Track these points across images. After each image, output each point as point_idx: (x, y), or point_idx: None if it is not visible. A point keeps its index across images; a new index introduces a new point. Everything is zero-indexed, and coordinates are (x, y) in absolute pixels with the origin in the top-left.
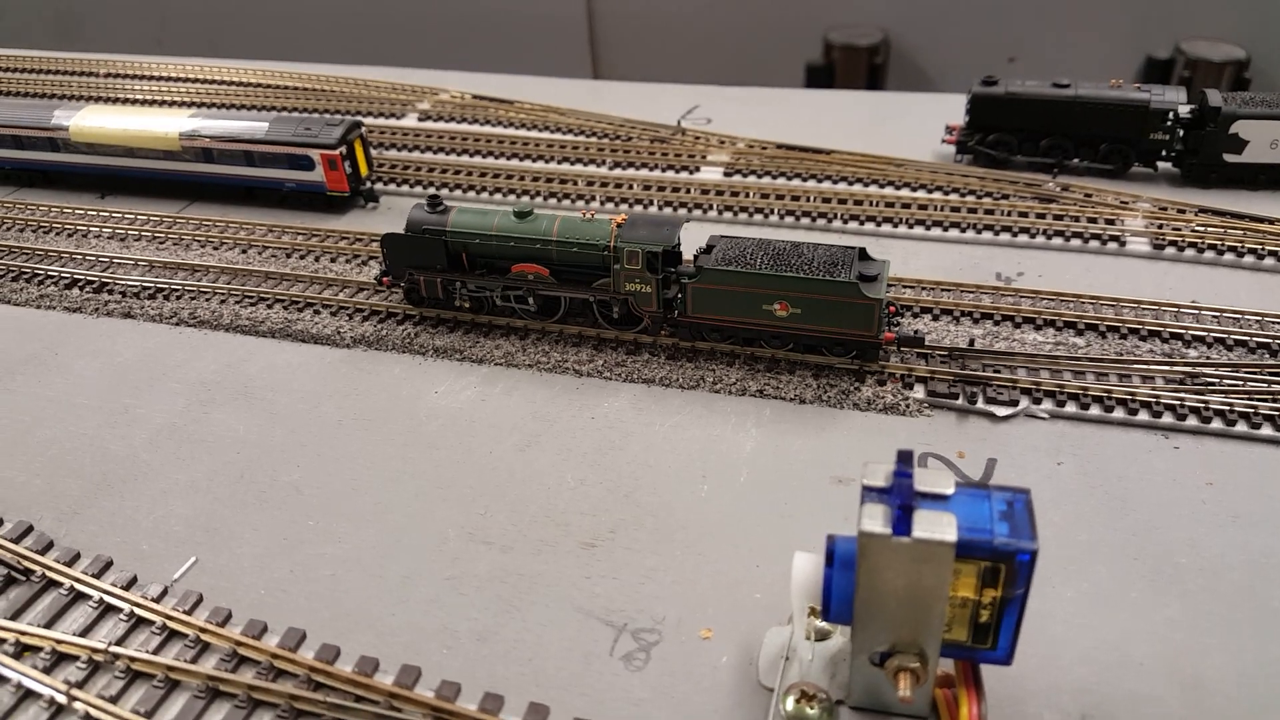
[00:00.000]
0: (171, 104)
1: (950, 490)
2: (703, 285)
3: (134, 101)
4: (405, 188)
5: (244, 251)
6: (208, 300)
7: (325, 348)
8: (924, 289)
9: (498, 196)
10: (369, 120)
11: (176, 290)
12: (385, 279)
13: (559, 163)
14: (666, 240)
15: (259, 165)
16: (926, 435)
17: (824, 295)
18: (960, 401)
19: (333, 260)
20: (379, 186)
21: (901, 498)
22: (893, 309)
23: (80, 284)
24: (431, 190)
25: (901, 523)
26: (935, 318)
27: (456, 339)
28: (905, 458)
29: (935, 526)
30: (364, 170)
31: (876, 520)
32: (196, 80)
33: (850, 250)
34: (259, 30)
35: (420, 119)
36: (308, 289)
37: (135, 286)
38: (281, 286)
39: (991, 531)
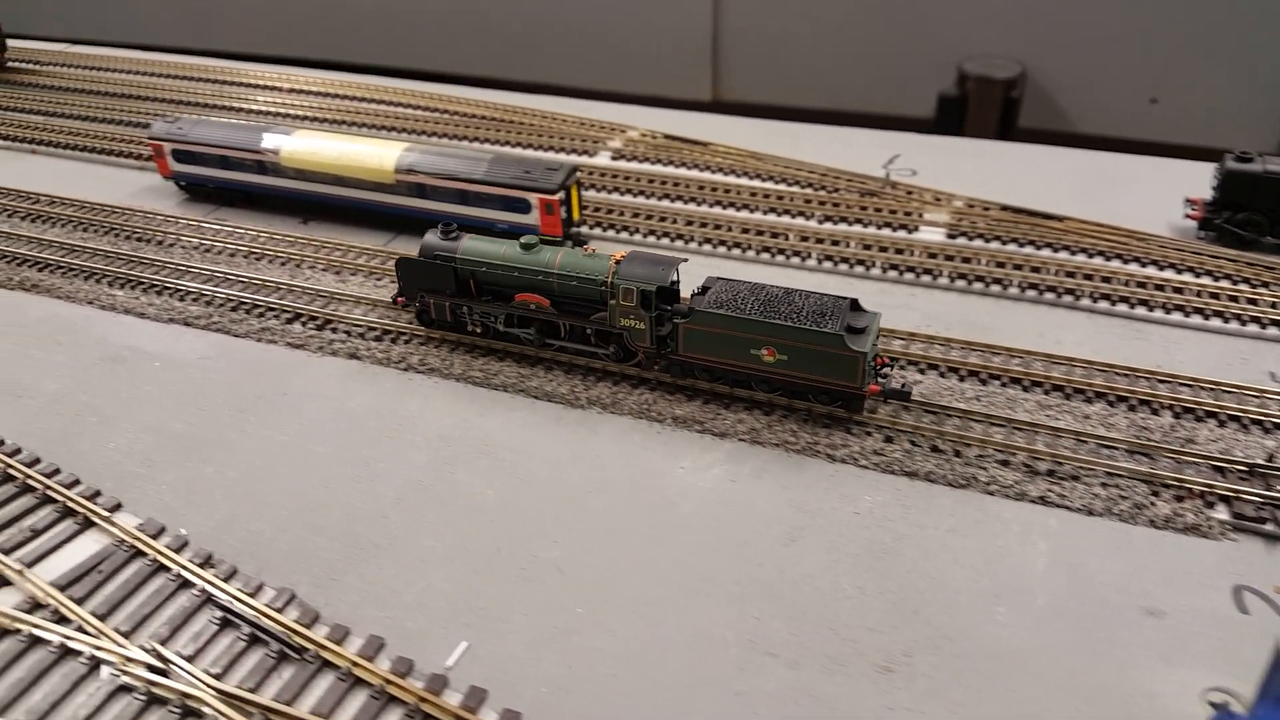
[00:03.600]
0: (334, 124)
1: None
2: (693, 326)
3: (301, 118)
4: (610, 232)
5: None
6: (436, 347)
7: (560, 406)
8: (1201, 389)
9: (706, 248)
10: (560, 157)
11: (404, 334)
12: (400, 299)
13: (764, 213)
14: (660, 279)
15: (472, 204)
16: (1234, 563)
17: (809, 344)
18: (1270, 526)
19: None
20: (583, 230)
21: None
22: (882, 361)
23: (302, 318)
24: (638, 236)
25: None
26: (1221, 424)
27: (696, 409)
28: None
29: None
30: (575, 215)
31: None
32: (366, 100)
33: (842, 301)
34: (371, 35)
35: (613, 158)
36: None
37: (360, 326)
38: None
39: None
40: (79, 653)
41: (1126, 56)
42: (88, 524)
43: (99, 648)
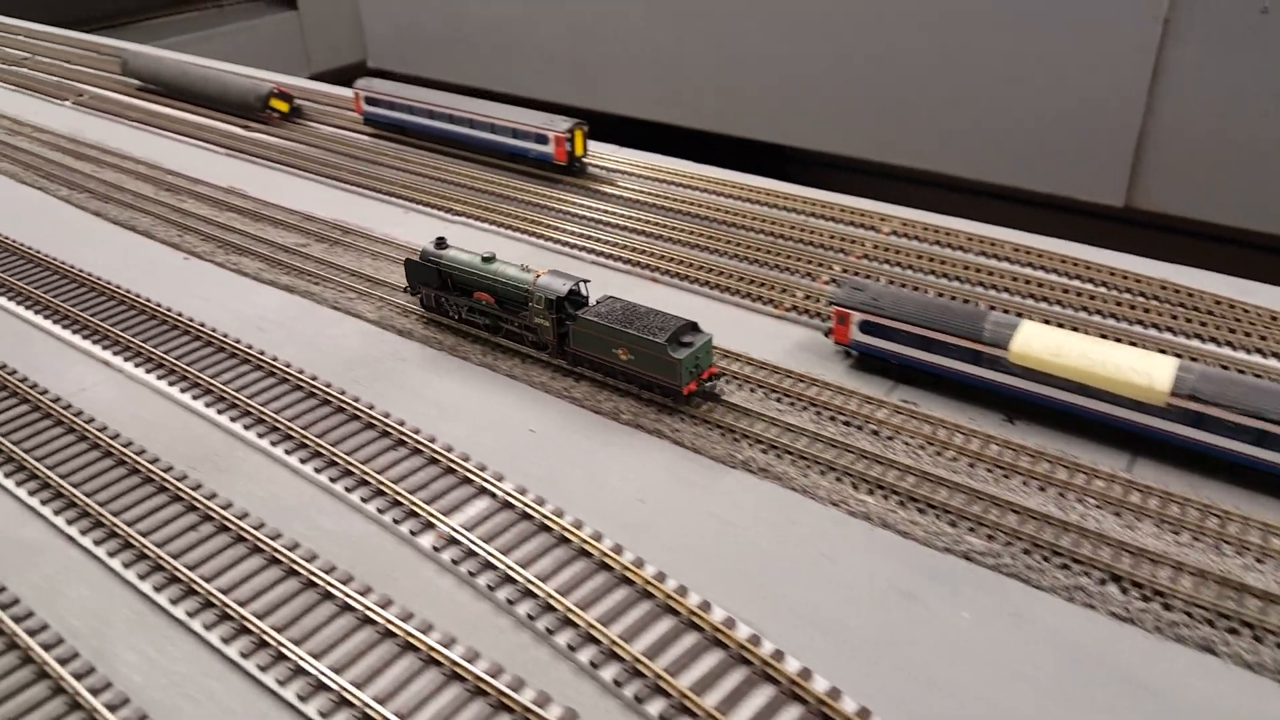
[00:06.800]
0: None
1: None
2: (577, 328)
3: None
4: None
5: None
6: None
7: None
8: None
9: None
10: (1212, 349)
11: (1140, 588)
12: (408, 290)
13: None
14: (559, 290)
15: (1275, 448)
16: None
17: (644, 350)
18: None
19: None
20: None
21: None
22: (712, 371)
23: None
24: None
25: None
26: None
27: None
28: None
29: None
30: None
31: None
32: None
33: (683, 321)
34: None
35: None
36: None
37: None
38: None
39: None
40: None
41: None
42: None
43: None
